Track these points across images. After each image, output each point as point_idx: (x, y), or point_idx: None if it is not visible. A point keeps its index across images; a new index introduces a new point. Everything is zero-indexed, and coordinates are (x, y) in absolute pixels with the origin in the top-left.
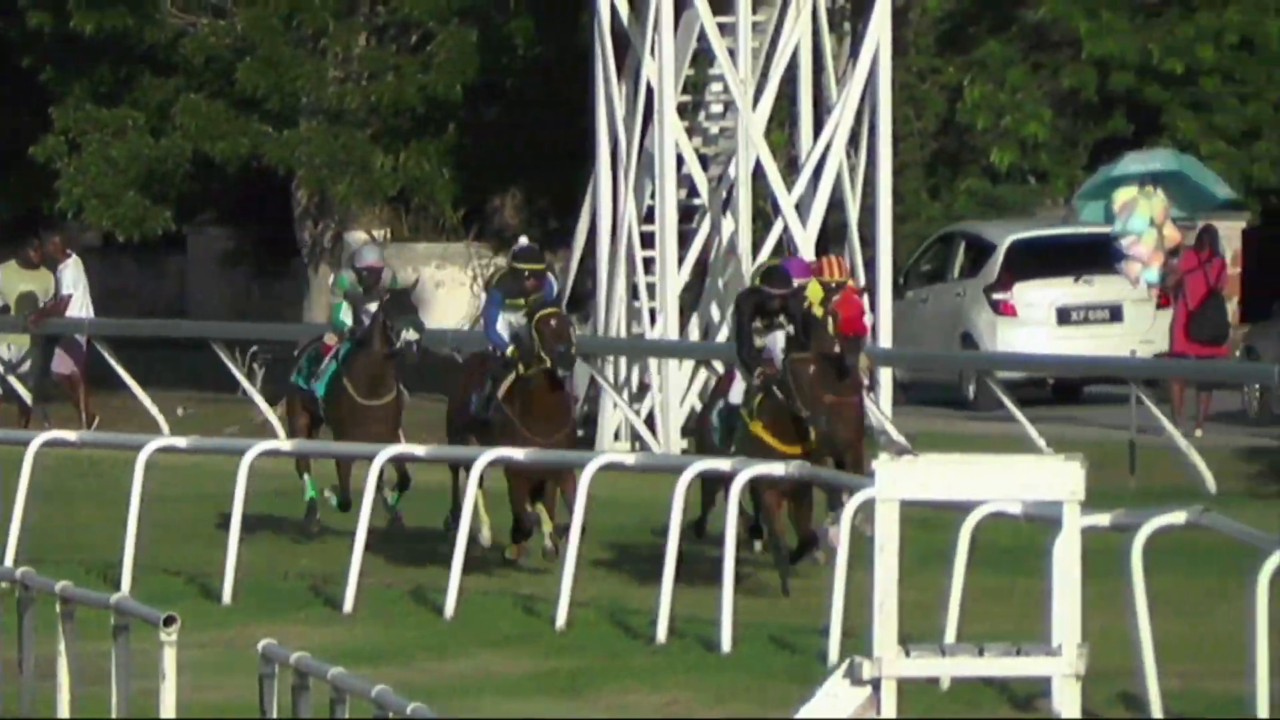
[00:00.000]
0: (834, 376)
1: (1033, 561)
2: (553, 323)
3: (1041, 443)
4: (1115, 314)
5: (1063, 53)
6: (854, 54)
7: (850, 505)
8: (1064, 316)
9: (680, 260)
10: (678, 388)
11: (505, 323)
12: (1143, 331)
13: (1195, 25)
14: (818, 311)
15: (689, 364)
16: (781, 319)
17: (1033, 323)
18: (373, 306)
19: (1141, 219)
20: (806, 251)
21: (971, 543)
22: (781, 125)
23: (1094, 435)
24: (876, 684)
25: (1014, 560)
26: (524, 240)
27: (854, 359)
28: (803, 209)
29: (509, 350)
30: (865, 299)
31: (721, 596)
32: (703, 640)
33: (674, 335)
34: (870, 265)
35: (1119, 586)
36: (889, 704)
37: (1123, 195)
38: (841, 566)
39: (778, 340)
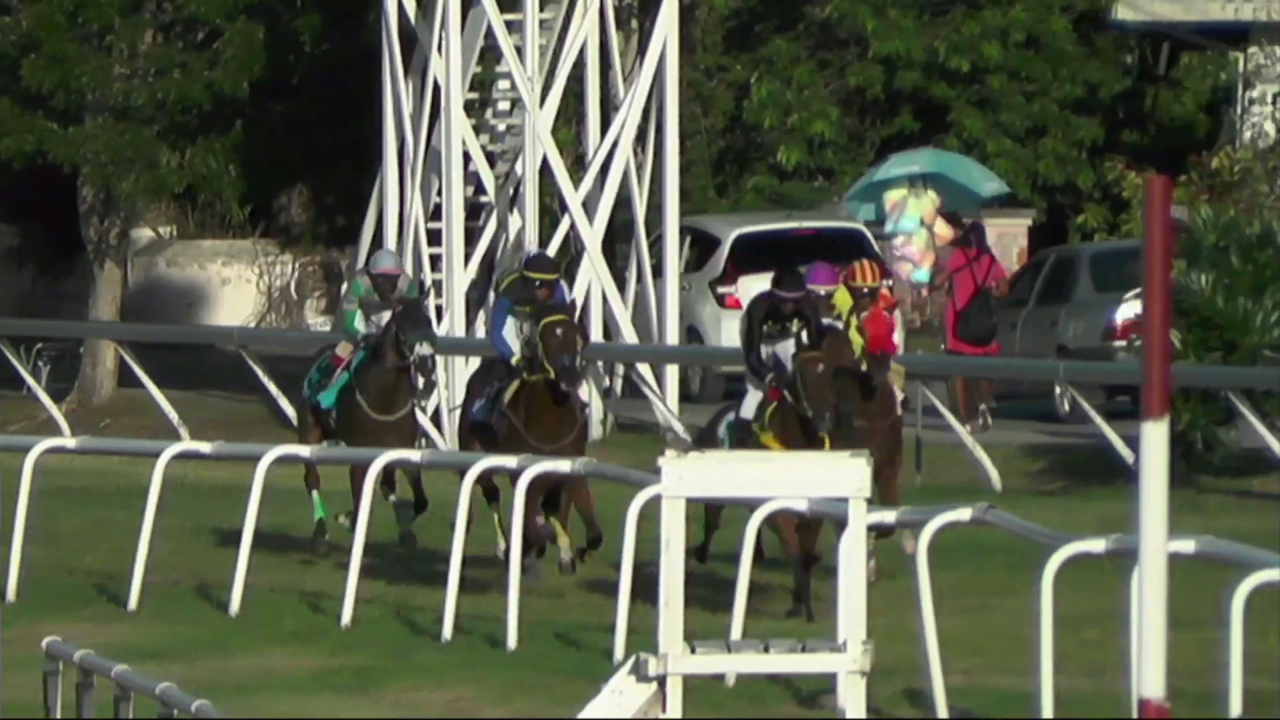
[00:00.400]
0: (861, 396)
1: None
2: (558, 332)
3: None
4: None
5: (849, 51)
6: (641, 51)
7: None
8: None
9: (467, 258)
10: (464, 385)
11: (514, 328)
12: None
13: (981, 23)
14: (850, 322)
15: (475, 361)
16: (795, 324)
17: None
18: (387, 315)
19: (912, 219)
20: (593, 248)
21: (758, 540)
22: (569, 123)
23: None
24: (662, 680)
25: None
26: (534, 247)
27: (881, 377)
28: (590, 206)
29: (514, 359)
30: (896, 314)
31: (507, 594)
32: (488, 637)
33: (460, 332)
34: (657, 269)
35: (906, 583)
36: (674, 701)
37: (893, 196)
38: (628, 566)
39: (788, 348)
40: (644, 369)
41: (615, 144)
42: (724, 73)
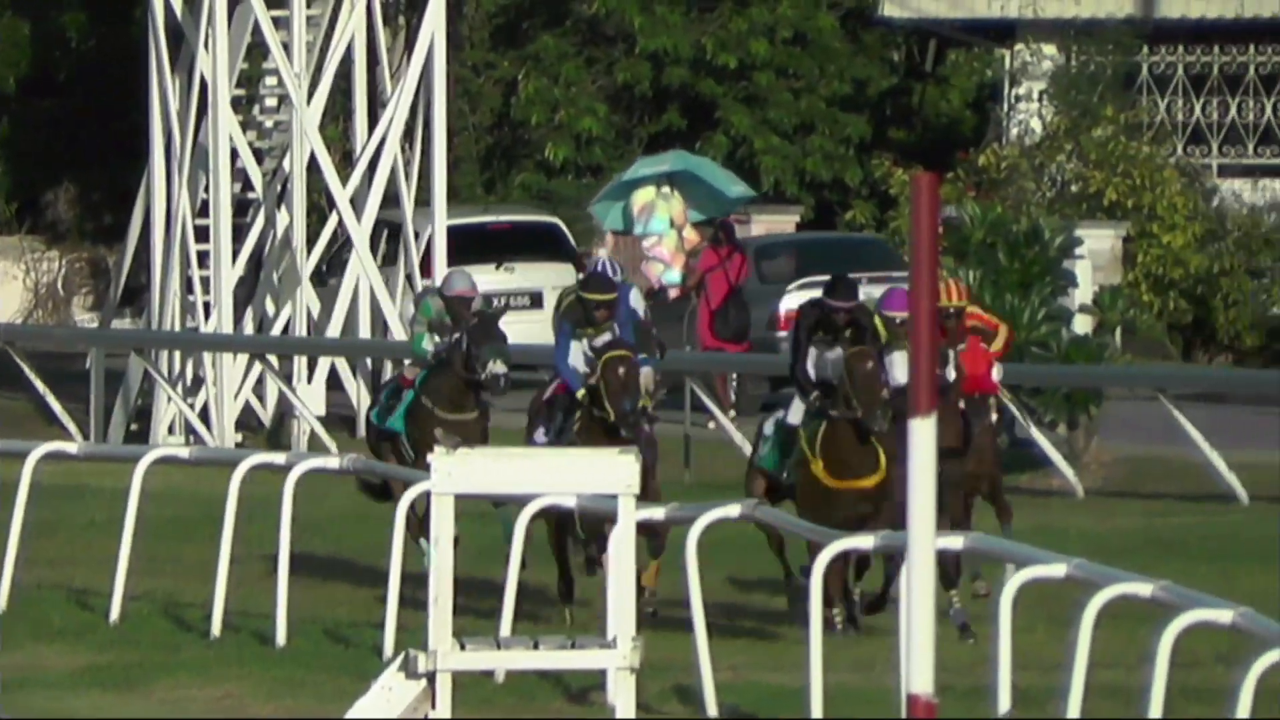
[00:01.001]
0: (954, 440)
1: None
2: (620, 371)
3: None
4: (536, 300)
5: (617, 47)
6: (409, 48)
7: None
8: (487, 302)
9: (235, 254)
10: (232, 381)
11: (579, 353)
12: None
13: (749, 20)
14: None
15: (243, 358)
16: (848, 335)
17: None
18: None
19: (661, 221)
20: (360, 244)
21: (528, 537)
22: (336, 119)
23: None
24: (431, 677)
25: (572, 554)
26: (601, 257)
27: (981, 423)
28: (358, 203)
29: (580, 393)
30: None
31: (276, 590)
32: (257, 634)
33: (228, 329)
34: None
35: (676, 579)
36: (444, 697)
37: (641, 198)
38: (397, 564)
39: (839, 355)
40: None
41: (383, 140)
42: (491, 69)
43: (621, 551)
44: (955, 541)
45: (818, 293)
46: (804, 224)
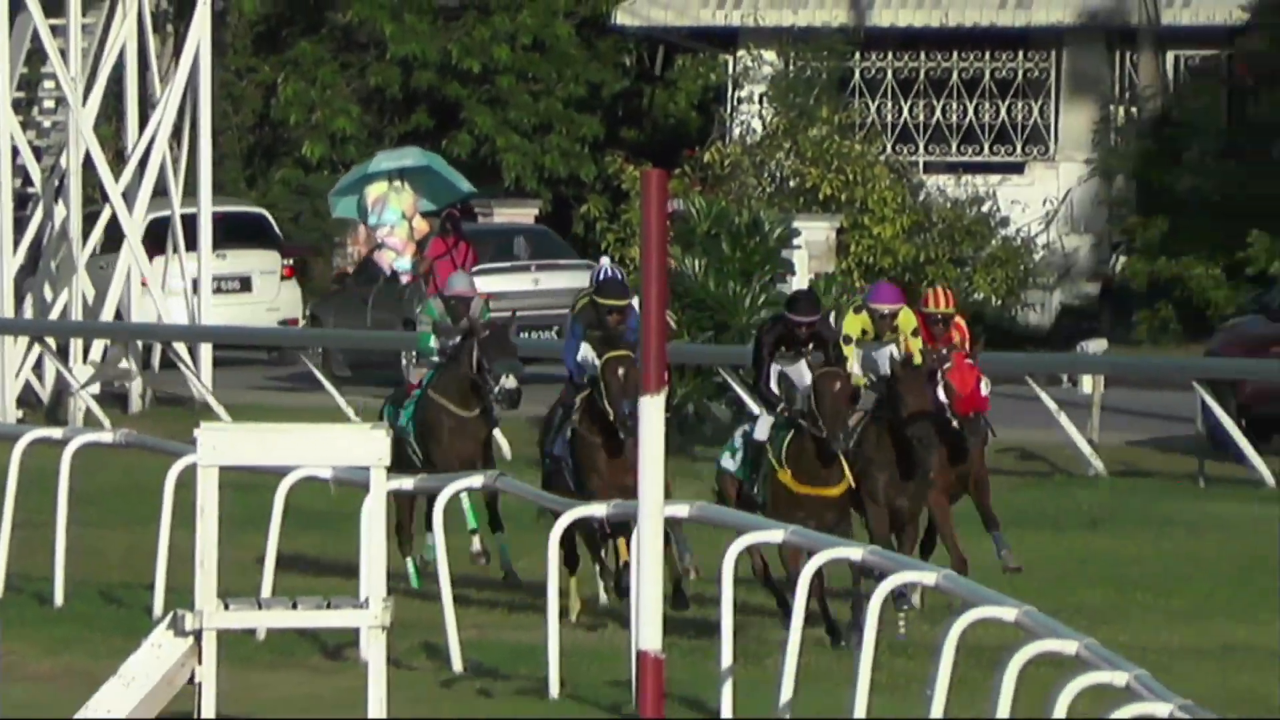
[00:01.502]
0: (951, 457)
1: (344, 523)
2: (620, 372)
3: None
4: (246, 284)
5: (369, 53)
6: (177, 54)
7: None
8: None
9: (16, 244)
10: (12, 363)
11: (588, 352)
12: (270, 300)
13: (491, 28)
14: (911, 344)
15: (24, 340)
16: (811, 348)
17: (176, 293)
18: (460, 337)
19: (394, 212)
20: (132, 236)
21: (288, 505)
22: (110, 119)
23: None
24: (198, 635)
25: (328, 521)
26: (608, 266)
27: (975, 440)
28: (129, 197)
29: (584, 395)
30: (963, 338)
31: (55, 555)
32: (37, 595)
33: (9, 313)
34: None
35: (424, 544)
36: (209, 653)
37: (374, 191)
38: (166, 528)
39: (802, 371)
40: (180, 347)
41: (153, 139)
42: (253, 73)
43: (373, 519)
44: (682, 509)
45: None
46: (542, 217)
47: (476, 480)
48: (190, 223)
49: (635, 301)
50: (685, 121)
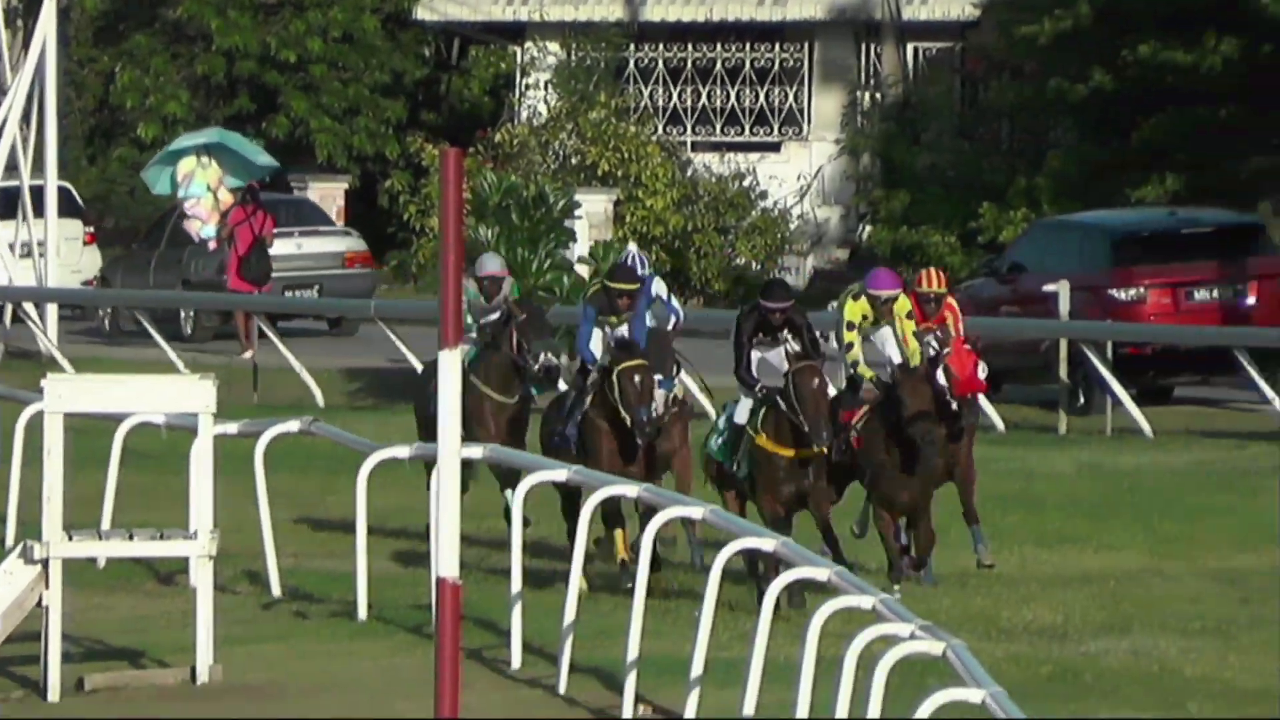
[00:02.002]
0: (948, 438)
1: (177, 462)
2: (635, 379)
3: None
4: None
5: (198, 44)
6: (26, 45)
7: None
8: None
9: None
10: None
11: (599, 337)
12: (74, 264)
13: (306, 22)
14: (905, 326)
15: None
16: (786, 334)
17: (24, 258)
18: (493, 317)
19: (200, 185)
20: None
21: (125, 447)
22: None
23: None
24: (45, 563)
25: (161, 462)
26: (633, 252)
27: (972, 419)
28: None
29: (592, 367)
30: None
31: None
32: None
33: None
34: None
35: (248, 482)
36: (55, 579)
37: (184, 167)
38: (17, 470)
39: (781, 355)
40: (29, 306)
41: (4, 122)
42: (94, 63)
43: (201, 460)
44: (476, 452)
45: None
46: (351, 191)
47: (293, 425)
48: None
49: (659, 286)
50: (479, 106)
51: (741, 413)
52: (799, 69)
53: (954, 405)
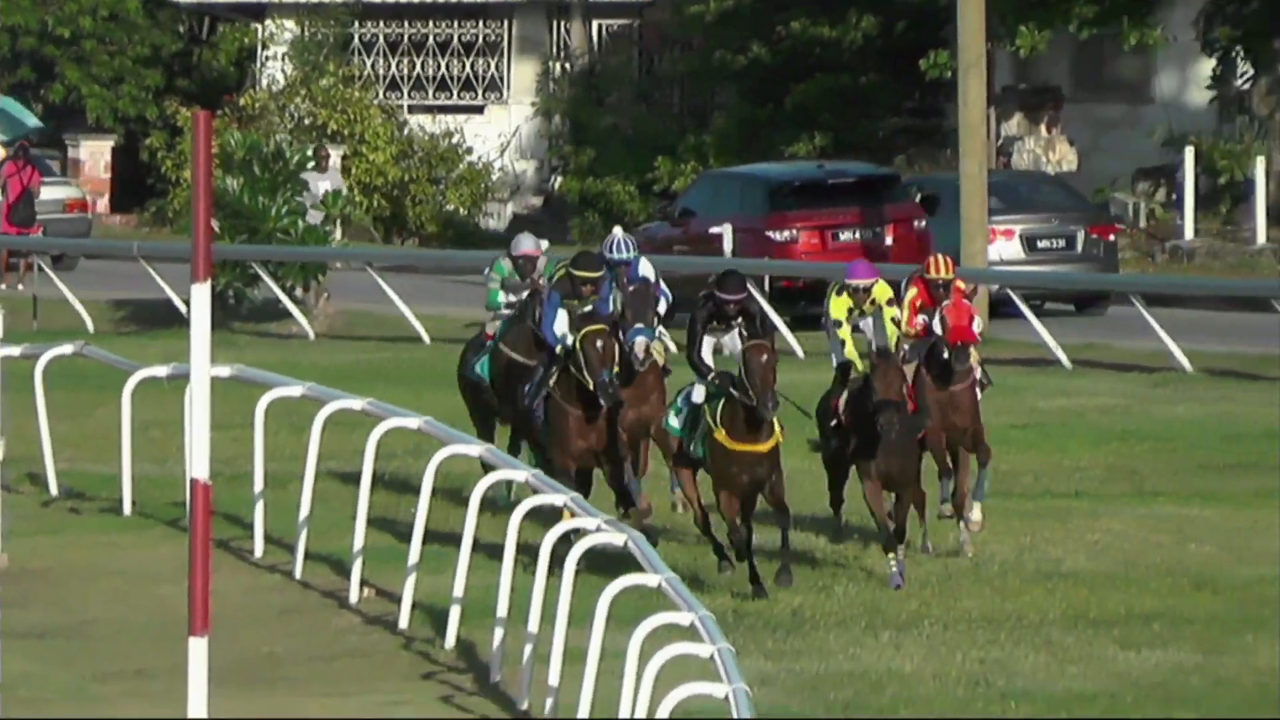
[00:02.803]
0: (943, 381)
1: None
2: (598, 344)
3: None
4: None
5: None
6: None
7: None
8: None
9: None
10: None
11: (564, 320)
12: None
13: (79, 3)
14: (886, 313)
15: None
16: (739, 323)
17: None
18: (525, 294)
19: None
20: None
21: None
22: None
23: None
24: None
25: None
26: (619, 237)
27: (962, 366)
28: None
29: (558, 349)
30: (974, 302)
31: None
32: None
33: None
34: None
35: (30, 398)
36: None
37: None
38: None
39: (735, 342)
40: None
41: None
42: None
43: None
44: (224, 370)
45: None
46: (117, 148)
47: (68, 347)
48: None
49: (645, 268)
50: (226, 75)
51: (698, 393)
52: (499, 43)
53: (945, 353)
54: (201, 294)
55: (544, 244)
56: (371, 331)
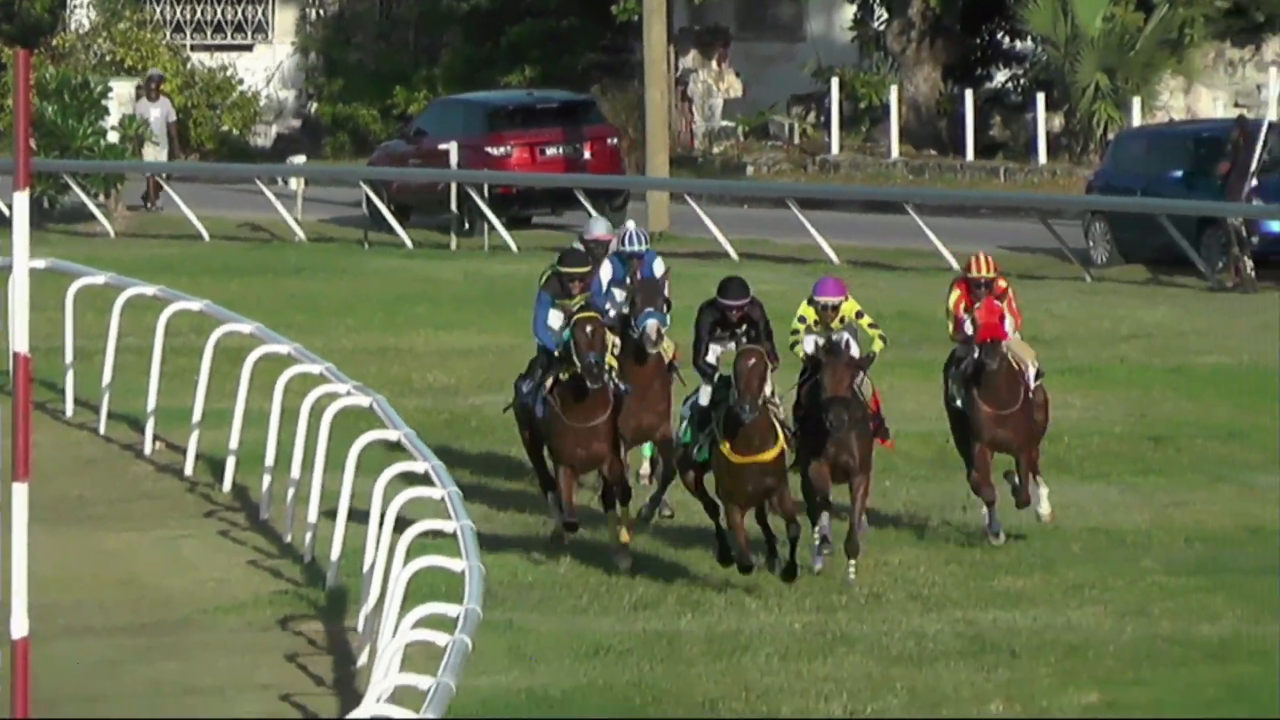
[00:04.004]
0: (989, 383)
1: None
2: (587, 329)
3: None
4: None
5: None
6: None
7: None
8: None
9: None
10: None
11: (556, 319)
12: None
13: None
14: (861, 324)
15: None
16: (743, 330)
17: None
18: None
19: None
20: None
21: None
22: None
23: None
24: None
25: None
26: (633, 230)
27: (993, 363)
28: None
29: (556, 350)
30: (1008, 300)
31: None
32: None
33: None
34: None
35: None
36: None
37: None
38: None
39: (733, 348)
40: None
41: None
42: None
43: None
44: (40, 264)
45: None
46: None
47: None
48: None
49: (659, 265)
50: (42, 20)
51: (704, 396)
52: None
53: (976, 352)
54: (22, 200)
55: (624, 227)
56: (161, 231)
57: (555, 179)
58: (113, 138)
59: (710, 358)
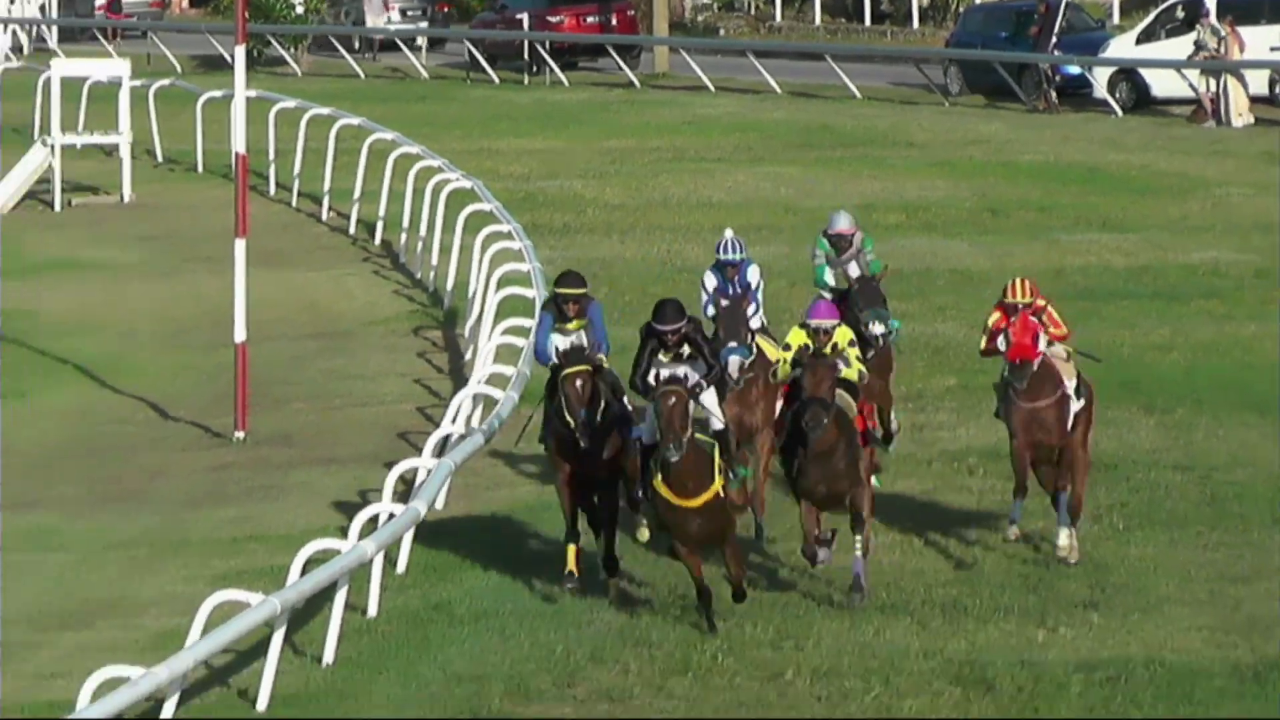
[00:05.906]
0: (1027, 392)
1: None
2: (577, 384)
3: None
4: None
5: None
6: None
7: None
8: None
9: None
10: None
11: (553, 344)
12: None
13: None
14: (851, 354)
15: None
16: (685, 351)
17: None
18: (852, 269)
19: None
20: None
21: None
22: None
23: None
24: None
25: None
26: (728, 235)
27: (1022, 383)
28: None
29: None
30: (1045, 315)
31: None
32: None
33: None
34: None
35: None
36: None
37: None
38: None
39: (688, 370)
40: None
41: None
42: None
43: None
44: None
45: None
46: None
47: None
48: None
49: (753, 273)
50: None
51: (647, 433)
52: None
53: (1005, 371)
54: (240, 51)
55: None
56: (330, 71)
57: (593, 38)
58: (299, 9)
59: (650, 379)
